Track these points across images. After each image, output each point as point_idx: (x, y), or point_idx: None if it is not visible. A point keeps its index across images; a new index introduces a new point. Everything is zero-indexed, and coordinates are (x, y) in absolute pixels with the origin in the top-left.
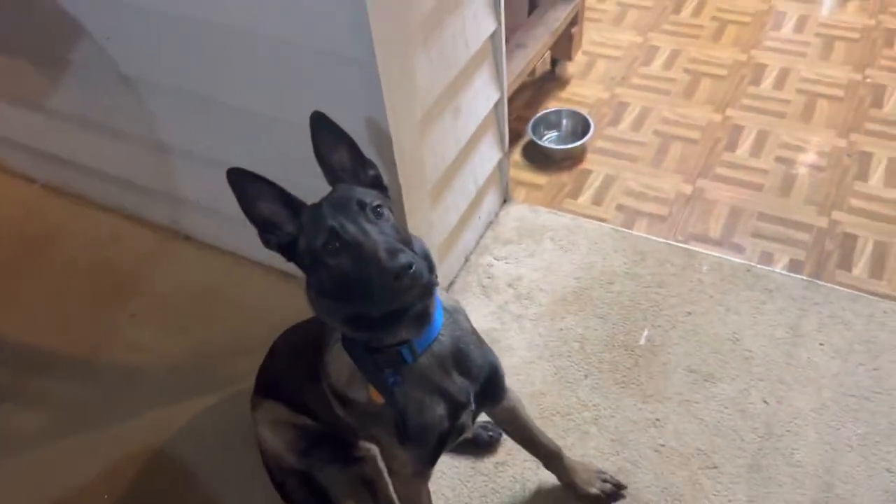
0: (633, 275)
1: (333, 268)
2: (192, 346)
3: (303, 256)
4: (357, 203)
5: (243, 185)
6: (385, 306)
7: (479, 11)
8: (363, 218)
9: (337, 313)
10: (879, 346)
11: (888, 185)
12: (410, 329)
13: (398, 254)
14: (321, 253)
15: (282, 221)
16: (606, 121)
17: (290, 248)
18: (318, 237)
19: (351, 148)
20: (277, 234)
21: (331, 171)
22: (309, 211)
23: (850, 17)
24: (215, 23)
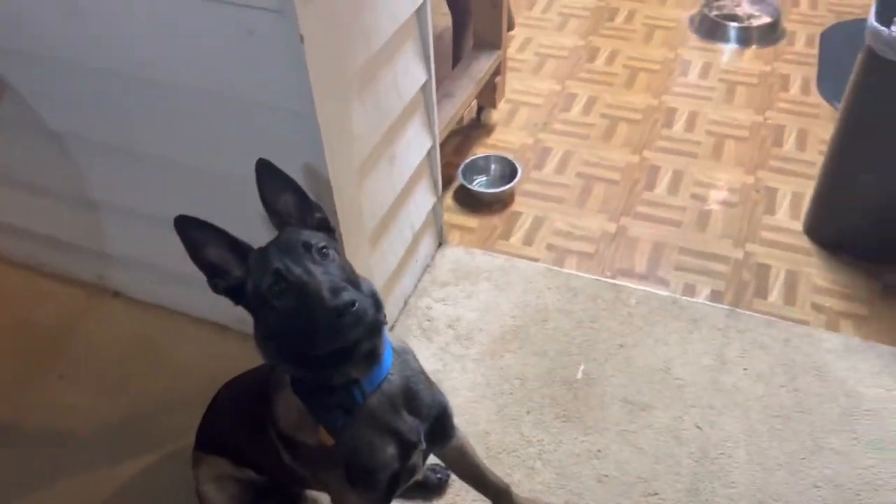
0: (567, 311)
1: (280, 309)
2: (127, 404)
3: (250, 300)
4: (303, 245)
5: (190, 232)
6: (330, 345)
7: (410, 64)
8: (308, 259)
9: (285, 355)
10: (797, 368)
11: (793, 218)
12: (360, 368)
13: (341, 292)
14: (267, 295)
15: (229, 266)
16: (532, 165)
17: (238, 292)
18: (265, 279)
19: (297, 192)
20: (225, 278)
21: (277, 216)
22: (256, 254)
23: (748, 64)
24: (149, 79)
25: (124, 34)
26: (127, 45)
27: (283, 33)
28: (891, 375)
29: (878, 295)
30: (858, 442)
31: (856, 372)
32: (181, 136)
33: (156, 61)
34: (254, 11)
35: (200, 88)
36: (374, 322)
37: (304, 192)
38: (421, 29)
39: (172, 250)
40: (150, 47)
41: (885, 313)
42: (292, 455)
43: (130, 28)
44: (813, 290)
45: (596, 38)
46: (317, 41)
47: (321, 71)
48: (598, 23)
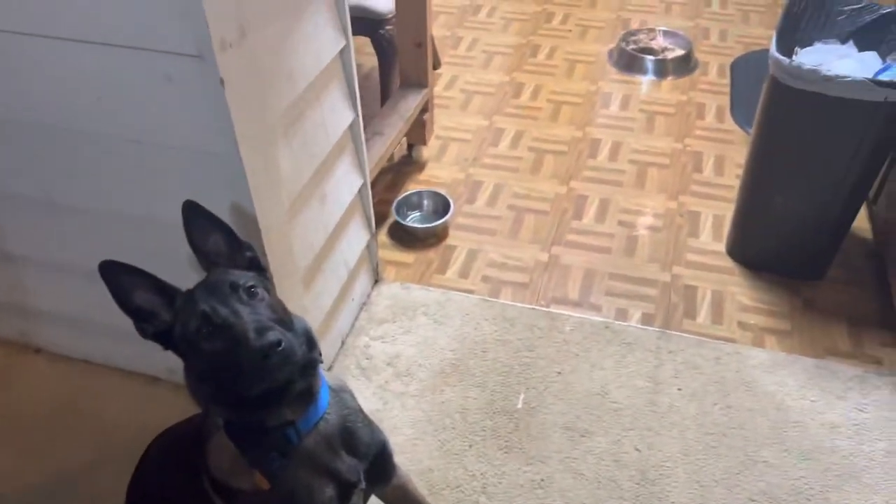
0: (504, 341)
1: (207, 352)
2: (52, 467)
3: (178, 343)
4: (230, 285)
5: (116, 277)
6: (258, 386)
7: (336, 103)
8: (235, 299)
9: (217, 398)
10: (728, 386)
11: (715, 240)
12: (294, 409)
13: (266, 332)
14: (195, 338)
15: (157, 310)
16: (464, 199)
17: (166, 337)
18: (191, 322)
19: (225, 232)
20: (153, 323)
21: (206, 257)
22: (183, 297)
23: (665, 94)
24: (67, 128)
25: (39, 83)
26: (42, 95)
27: (203, 78)
28: (815, 387)
29: (799, 310)
30: (789, 453)
31: (783, 386)
32: (102, 184)
33: (72, 110)
34: (172, 57)
35: (120, 135)
36: (305, 361)
37: (232, 232)
38: (346, 69)
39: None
40: (65, 95)
41: (805, 327)
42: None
43: (45, 77)
44: (738, 309)
45: (520, 74)
46: (238, 84)
47: (244, 113)
48: (522, 59)
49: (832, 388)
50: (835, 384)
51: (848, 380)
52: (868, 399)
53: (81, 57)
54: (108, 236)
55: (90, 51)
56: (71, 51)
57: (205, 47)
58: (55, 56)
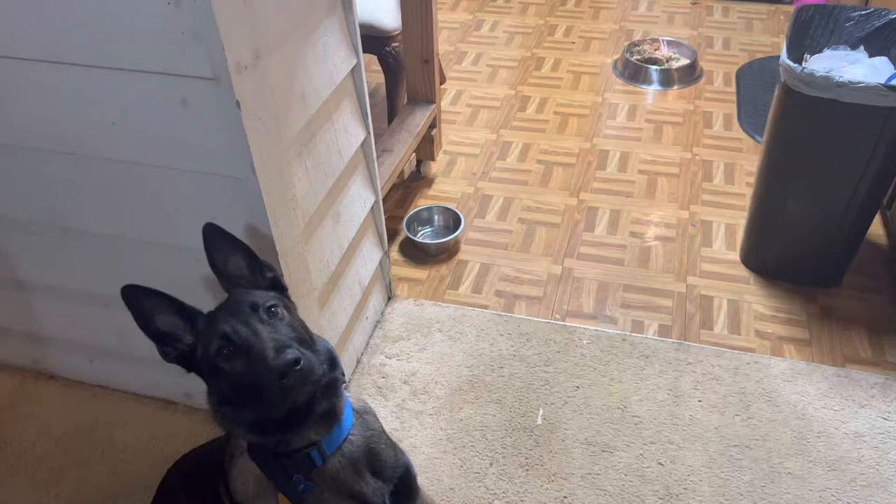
0: (521, 356)
1: (229, 373)
2: (67, 496)
3: (200, 365)
4: (250, 305)
5: (139, 301)
6: (279, 406)
7: (348, 123)
8: (256, 319)
9: (239, 420)
10: (749, 396)
11: (729, 248)
12: (318, 429)
13: (284, 350)
14: (216, 359)
15: (179, 333)
16: (474, 213)
17: (188, 360)
18: (213, 343)
19: (246, 254)
20: (176, 346)
21: (227, 279)
22: (205, 319)
23: (671, 104)
24: (79, 154)
25: (52, 109)
26: (55, 120)
27: (219, 101)
28: (837, 396)
29: (817, 318)
30: (814, 464)
31: (804, 395)
32: (116, 210)
33: (86, 135)
34: (188, 80)
35: (135, 160)
36: (327, 380)
37: (253, 253)
38: (357, 88)
39: (110, 328)
40: (79, 121)
41: (824, 335)
42: None
43: (58, 102)
44: (755, 318)
45: (525, 88)
46: (253, 106)
47: (259, 135)
48: (527, 72)
49: (854, 397)
50: (857, 392)
51: (870, 387)
52: (892, 407)
53: (95, 82)
54: (121, 262)
55: (104, 75)
56: (84, 76)
57: (220, 70)
58: (68, 81)
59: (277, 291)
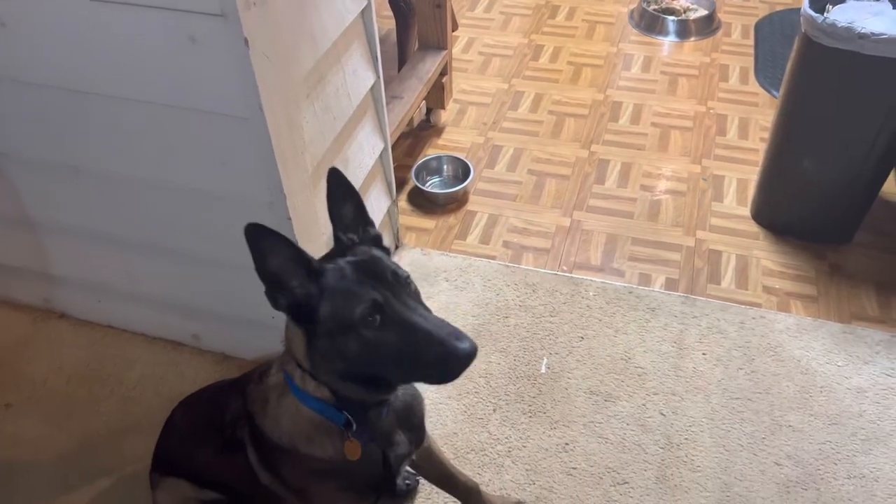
0: (527, 307)
1: (370, 339)
2: (78, 430)
3: (325, 322)
4: (392, 274)
5: (259, 241)
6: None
7: (357, 66)
8: (405, 293)
9: (343, 373)
10: (753, 350)
11: (740, 204)
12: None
13: (462, 338)
14: (357, 324)
15: (291, 280)
16: (484, 164)
17: (302, 311)
18: (357, 308)
19: (357, 205)
20: (286, 294)
21: (342, 228)
22: (334, 275)
23: (688, 56)
24: (88, 91)
25: (60, 46)
26: (63, 57)
27: (227, 38)
28: (842, 352)
29: (825, 275)
30: (815, 418)
31: (809, 350)
32: (124, 149)
33: (94, 73)
34: (195, 17)
35: (142, 99)
36: None
37: (363, 206)
38: (367, 30)
39: (119, 268)
40: (87, 58)
41: (832, 292)
42: (274, 473)
43: (66, 39)
44: (763, 273)
45: (539, 36)
46: (262, 45)
47: (268, 75)
48: (540, 21)
49: (859, 353)
50: (862, 349)
51: (875, 344)
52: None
53: (102, 17)
54: (131, 202)
55: (111, 10)
56: (90, 10)
57: (228, 6)
58: (74, 16)
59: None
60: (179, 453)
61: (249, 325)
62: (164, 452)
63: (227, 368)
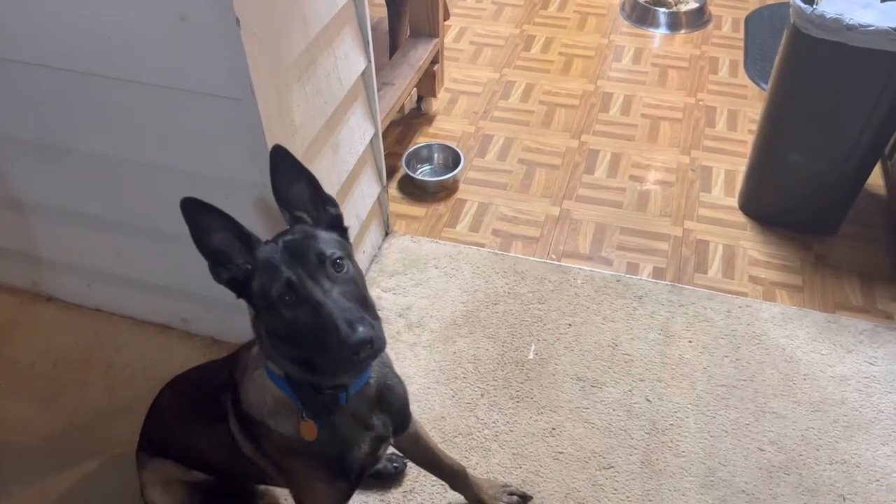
0: (515, 294)
1: (287, 318)
2: (66, 413)
3: (255, 298)
4: (317, 255)
5: (195, 215)
6: (336, 369)
7: (349, 50)
8: (323, 273)
9: (285, 353)
10: (739, 338)
11: (727, 195)
12: (351, 376)
13: (357, 326)
14: (276, 302)
15: (233, 254)
16: (474, 152)
17: (241, 286)
18: (274, 286)
19: (311, 184)
20: (229, 268)
21: (287, 208)
22: (265, 251)
23: (678, 48)
24: (77, 70)
25: (47, 24)
26: (51, 35)
27: (218, 17)
28: (825, 341)
29: (810, 265)
30: (799, 405)
31: (793, 339)
32: (112, 129)
33: (82, 52)
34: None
35: (132, 78)
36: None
37: (317, 184)
38: (359, 14)
39: (108, 250)
40: (75, 37)
41: (816, 282)
42: (255, 444)
43: (53, 18)
44: (750, 263)
45: (530, 27)
46: (254, 25)
47: (259, 56)
48: (532, 11)
49: (843, 342)
50: (845, 338)
51: (858, 333)
52: (878, 353)
53: None
54: (120, 184)
55: None
56: None
57: None
58: None
59: (338, 232)
60: (167, 431)
61: (238, 309)
62: (151, 431)
63: (215, 352)
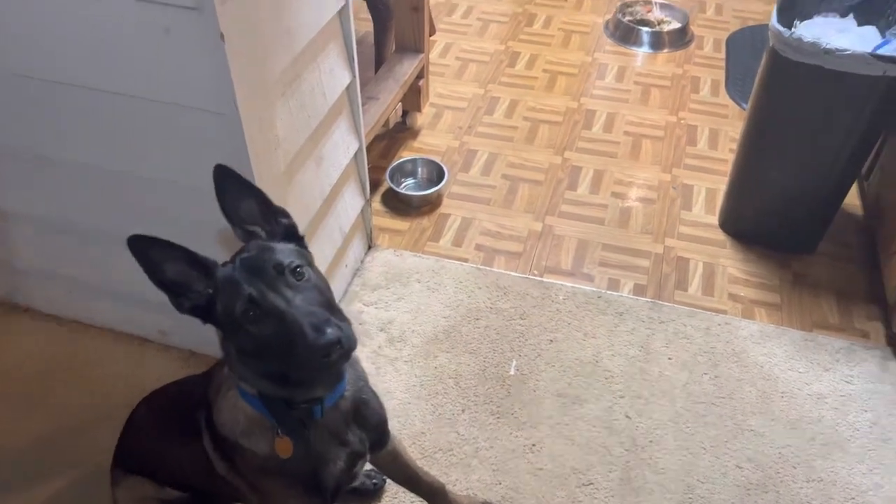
0: (498, 309)
1: (254, 335)
2: (42, 425)
3: (220, 320)
4: (275, 266)
5: (145, 252)
6: (311, 376)
7: (334, 65)
8: (283, 283)
9: (256, 370)
10: (718, 356)
11: (708, 213)
12: (325, 388)
13: (324, 328)
14: (241, 320)
15: (192, 282)
16: (458, 167)
17: (205, 311)
18: (237, 304)
19: (259, 199)
20: (189, 296)
21: (239, 225)
22: (223, 272)
23: (661, 67)
24: (59, 80)
25: (31, 34)
26: (34, 46)
27: (202, 32)
28: (803, 359)
29: (789, 283)
30: (776, 422)
31: (771, 357)
32: (95, 139)
33: (65, 62)
34: (170, 9)
35: (115, 90)
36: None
37: (266, 198)
38: (344, 30)
39: (86, 261)
40: (58, 47)
41: (794, 300)
42: (230, 464)
43: (37, 27)
44: (729, 281)
45: (515, 44)
46: (238, 39)
47: (243, 70)
48: (517, 28)
49: (820, 360)
50: (822, 356)
51: (835, 352)
52: (854, 371)
53: (75, 5)
54: (101, 194)
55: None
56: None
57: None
58: (45, 4)
59: (295, 242)
60: (141, 447)
61: None
62: (126, 447)
63: (193, 365)
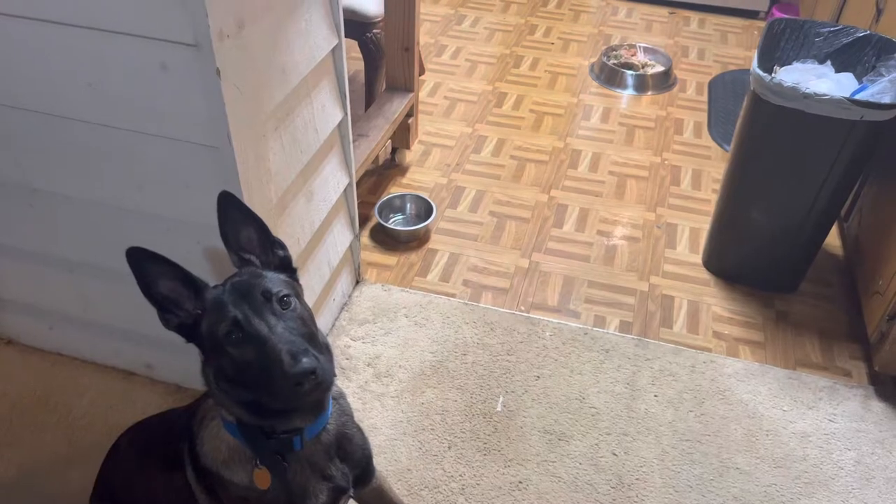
0: (485, 345)
1: (235, 358)
2: (20, 461)
3: (203, 339)
4: (263, 293)
5: (141, 264)
6: (284, 405)
7: (326, 102)
8: (268, 310)
9: (234, 397)
10: (703, 393)
11: (692, 251)
12: (305, 419)
13: (301, 358)
14: (223, 341)
15: (182, 301)
16: (446, 204)
17: (190, 330)
18: (221, 325)
19: (259, 228)
20: (177, 314)
21: (237, 252)
22: (213, 293)
23: (645, 109)
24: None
25: (26, 66)
26: (29, 78)
27: (199, 68)
28: (787, 397)
29: (772, 322)
30: (761, 461)
31: (756, 395)
32: (88, 172)
33: (60, 94)
34: (168, 45)
35: (109, 124)
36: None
37: (266, 228)
38: (337, 68)
39: (71, 293)
40: (54, 80)
41: (778, 339)
42: (212, 497)
43: (33, 60)
44: (714, 319)
45: (503, 84)
46: (233, 76)
47: (238, 106)
48: (505, 69)
49: (803, 399)
50: (806, 394)
51: (818, 390)
52: (838, 410)
53: (73, 41)
54: (90, 227)
55: (82, 35)
56: (62, 34)
57: (202, 37)
58: (45, 39)
59: (288, 273)
60: (122, 478)
61: None
62: (105, 480)
63: (179, 399)
